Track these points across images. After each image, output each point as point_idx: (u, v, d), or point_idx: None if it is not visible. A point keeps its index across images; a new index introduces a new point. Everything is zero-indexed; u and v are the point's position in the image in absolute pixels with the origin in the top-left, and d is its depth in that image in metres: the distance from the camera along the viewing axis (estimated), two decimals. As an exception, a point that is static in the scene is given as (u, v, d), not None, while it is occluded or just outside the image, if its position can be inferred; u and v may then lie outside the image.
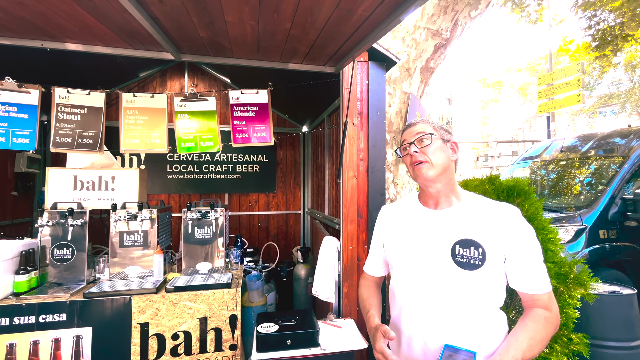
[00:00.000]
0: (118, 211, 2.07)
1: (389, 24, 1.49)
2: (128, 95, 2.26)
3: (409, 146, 1.03)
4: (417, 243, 1.02)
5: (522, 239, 0.94)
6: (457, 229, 0.98)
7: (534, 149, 4.32)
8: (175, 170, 3.70)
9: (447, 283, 0.95)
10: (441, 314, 0.95)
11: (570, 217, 2.90)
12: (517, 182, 1.61)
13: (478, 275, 0.93)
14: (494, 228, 0.95)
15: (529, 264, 0.93)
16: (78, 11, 1.53)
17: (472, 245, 0.94)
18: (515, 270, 0.94)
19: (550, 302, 0.93)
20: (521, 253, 0.93)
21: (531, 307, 0.94)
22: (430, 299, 0.97)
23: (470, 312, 0.93)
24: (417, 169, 1.01)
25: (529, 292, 0.94)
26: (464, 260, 0.94)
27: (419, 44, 3.38)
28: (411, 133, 1.04)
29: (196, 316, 1.87)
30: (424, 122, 1.05)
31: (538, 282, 0.93)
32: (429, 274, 0.98)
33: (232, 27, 1.66)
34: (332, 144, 2.89)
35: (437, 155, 0.99)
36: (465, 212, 1.00)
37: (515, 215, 0.96)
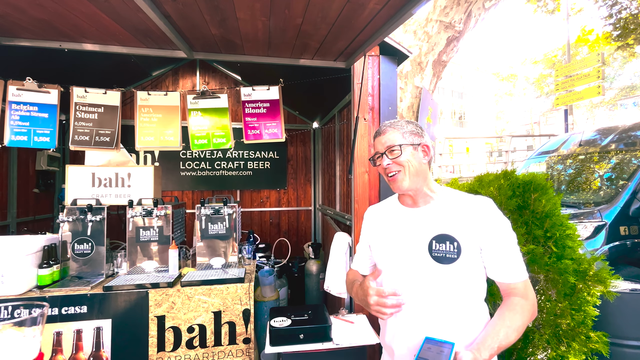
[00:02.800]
0: (134, 207, 2.12)
1: (401, 18, 1.47)
2: (142, 93, 2.31)
3: (380, 157, 1.07)
4: (397, 241, 1.06)
5: (496, 230, 0.96)
6: (434, 225, 1.01)
7: (551, 143, 4.20)
8: (188, 167, 3.77)
9: (426, 278, 0.99)
10: (422, 308, 0.99)
11: (589, 213, 2.81)
12: (534, 177, 1.57)
13: (454, 268, 0.96)
14: (469, 221, 0.98)
15: (504, 253, 0.96)
16: (94, 11, 1.56)
17: (448, 240, 0.97)
18: (491, 260, 0.97)
19: (526, 289, 0.96)
20: (495, 244, 0.96)
21: (508, 295, 0.97)
22: (410, 294, 1.01)
23: (450, 304, 0.97)
24: (392, 180, 1.05)
25: (505, 282, 0.97)
26: (440, 255, 0.97)
27: (431, 37, 3.32)
28: (381, 142, 1.07)
29: (210, 310, 1.91)
30: (393, 129, 1.07)
31: (513, 271, 0.96)
32: (409, 270, 1.02)
33: (244, 24, 1.66)
34: (343, 139, 2.88)
35: (408, 164, 1.03)
36: (441, 208, 1.03)
37: (488, 207, 0.99)
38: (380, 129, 1.10)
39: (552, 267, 1.44)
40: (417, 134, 1.07)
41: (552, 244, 1.48)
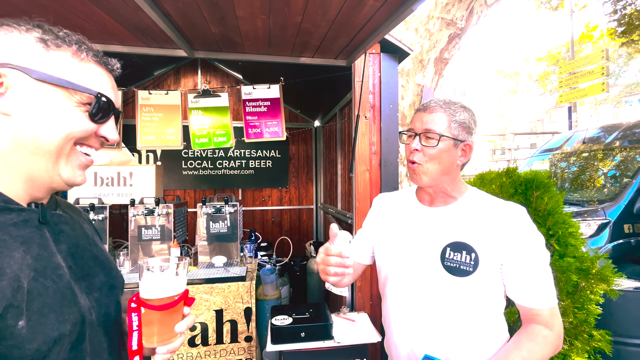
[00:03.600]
0: (136, 206, 2.13)
1: (401, 14, 1.46)
2: (143, 92, 2.31)
3: (413, 137, 0.90)
4: (406, 242, 0.94)
5: (524, 243, 0.82)
6: (450, 230, 0.88)
7: (554, 141, 4.17)
8: (190, 167, 3.78)
9: (435, 289, 0.87)
10: (428, 321, 0.87)
11: (592, 210, 2.79)
12: (536, 175, 1.55)
13: (469, 282, 0.83)
14: (492, 230, 0.84)
15: (530, 273, 0.81)
16: (94, 11, 1.56)
17: (464, 249, 0.84)
18: (513, 279, 0.83)
19: (552, 318, 0.81)
20: (520, 259, 0.81)
21: (529, 322, 0.83)
22: (417, 306, 0.89)
23: (460, 321, 0.85)
24: (411, 169, 0.91)
25: (527, 306, 0.82)
26: (454, 266, 0.85)
27: (432, 35, 3.30)
28: (421, 120, 0.90)
29: (212, 308, 1.91)
30: (442, 111, 0.88)
31: (539, 295, 0.81)
32: (416, 277, 0.90)
33: (243, 22, 1.66)
34: (344, 138, 2.87)
35: (438, 159, 0.87)
36: (462, 211, 0.90)
37: (518, 215, 0.84)
38: (429, 103, 0.91)
39: (554, 265, 1.43)
40: (466, 129, 0.89)
41: (555, 242, 1.47)
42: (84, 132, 0.55)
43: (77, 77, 0.54)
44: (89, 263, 0.61)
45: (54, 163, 0.53)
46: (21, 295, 0.46)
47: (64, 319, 0.50)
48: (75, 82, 0.53)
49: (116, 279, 0.67)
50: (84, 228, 0.67)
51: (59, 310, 0.50)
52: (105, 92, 0.57)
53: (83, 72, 0.55)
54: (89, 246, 0.64)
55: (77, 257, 0.58)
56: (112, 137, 0.60)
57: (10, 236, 0.48)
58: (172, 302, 0.62)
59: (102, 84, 0.57)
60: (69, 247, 0.58)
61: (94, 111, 0.55)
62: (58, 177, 0.54)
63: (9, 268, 0.46)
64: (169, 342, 0.64)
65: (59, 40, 0.54)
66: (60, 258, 0.54)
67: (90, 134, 0.56)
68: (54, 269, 0.52)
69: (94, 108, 0.55)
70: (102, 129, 0.58)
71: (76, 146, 0.56)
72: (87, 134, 0.56)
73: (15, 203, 0.52)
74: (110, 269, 0.66)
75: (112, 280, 0.65)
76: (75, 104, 0.54)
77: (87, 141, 0.57)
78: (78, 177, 0.57)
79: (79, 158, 0.57)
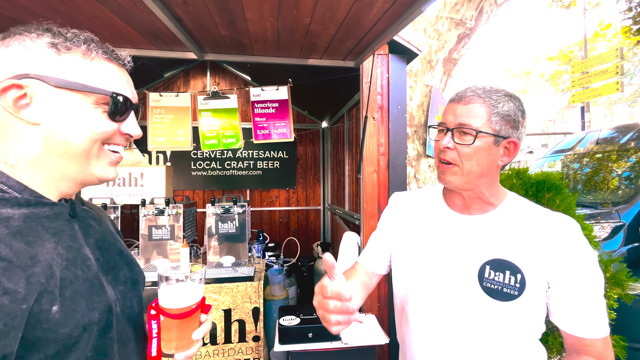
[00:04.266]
0: (147, 206, 2.17)
1: (410, 15, 1.46)
2: (154, 94, 2.35)
3: (444, 133, 0.76)
4: (434, 257, 0.81)
5: (576, 263, 0.69)
6: (489, 244, 0.75)
7: (566, 142, 4.09)
8: (199, 167, 3.82)
9: (470, 313, 0.75)
10: (460, 348, 0.76)
11: (606, 213, 2.73)
12: (548, 176, 1.53)
13: (513, 308, 0.71)
14: (539, 245, 0.71)
15: (583, 297, 0.69)
16: (107, 15, 1.60)
17: (508, 269, 0.72)
18: (562, 304, 0.71)
19: (605, 350, 0.70)
20: (572, 282, 0.69)
21: (578, 353, 0.71)
22: (446, 331, 0.77)
23: (498, 348, 0.74)
24: (441, 169, 0.77)
25: (577, 335, 0.70)
26: (495, 288, 0.72)
27: (441, 35, 3.28)
28: (454, 112, 0.75)
29: (221, 308, 1.93)
30: (480, 101, 0.73)
31: (593, 323, 0.69)
32: (447, 299, 0.77)
33: (253, 25, 1.68)
34: (352, 139, 2.87)
35: (475, 159, 0.73)
36: (502, 221, 0.76)
37: (569, 230, 0.72)
38: (465, 92, 0.76)
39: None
40: (511, 123, 0.74)
41: (567, 245, 1.45)
42: (106, 133, 0.56)
43: (90, 79, 0.54)
44: (115, 257, 0.63)
45: (85, 165, 0.55)
46: (54, 282, 0.49)
47: (93, 307, 0.53)
48: (89, 84, 0.54)
49: (139, 274, 0.69)
50: (108, 225, 0.69)
51: (89, 299, 0.52)
52: (120, 90, 0.57)
53: (95, 72, 0.55)
54: (114, 241, 0.66)
55: (103, 251, 0.61)
56: (135, 132, 0.61)
57: (43, 227, 0.51)
58: (190, 311, 0.64)
59: (115, 82, 0.57)
60: (97, 240, 0.60)
61: (112, 110, 0.56)
62: (91, 175, 0.57)
63: (42, 256, 0.49)
64: (187, 349, 0.66)
65: (68, 42, 0.54)
66: (89, 250, 0.57)
67: (113, 134, 0.57)
68: (83, 260, 0.55)
69: (111, 108, 0.56)
70: (124, 127, 0.59)
71: (104, 145, 0.57)
72: (110, 134, 0.57)
73: (46, 198, 0.54)
74: (132, 264, 0.68)
75: (135, 275, 0.67)
76: (93, 106, 0.54)
77: (112, 140, 0.58)
78: (110, 174, 0.59)
79: (109, 156, 0.58)
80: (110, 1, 1.46)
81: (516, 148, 0.76)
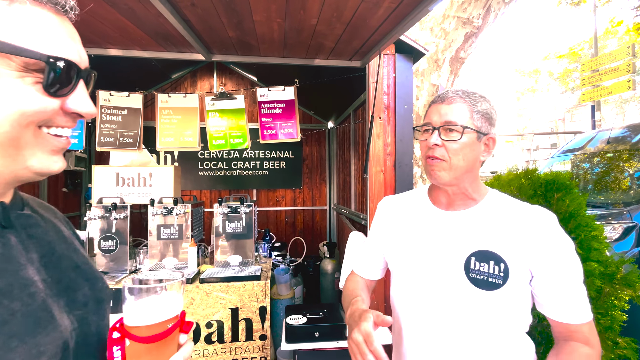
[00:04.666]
0: (155, 206, 2.20)
1: (417, 15, 1.45)
2: (163, 96, 2.39)
3: (431, 132, 0.81)
4: (423, 251, 0.84)
5: (555, 253, 0.74)
6: (474, 237, 0.79)
7: (576, 141, 4.03)
8: (206, 167, 3.86)
9: (458, 304, 0.78)
10: (449, 339, 0.79)
11: (618, 213, 2.68)
12: (557, 176, 1.51)
13: (497, 296, 0.75)
14: (520, 237, 0.76)
15: (565, 285, 0.74)
16: (119, 18, 1.63)
17: (492, 259, 0.76)
18: (545, 292, 0.75)
19: (590, 334, 0.74)
20: (553, 271, 0.74)
21: (566, 339, 0.76)
22: (436, 322, 0.81)
23: (486, 339, 0.77)
24: (430, 165, 0.81)
25: (563, 322, 0.74)
26: (480, 278, 0.76)
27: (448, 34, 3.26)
28: (439, 112, 0.80)
29: (228, 306, 1.95)
30: (462, 101, 0.79)
31: (576, 309, 0.74)
32: (435, 291, 0.81)
33: (260, 26, 1.69)
34: (358, 139, 2.87)
35: (462, 154, 0.78)
36: (485, 215, 0.81)
37: (548, 221, 0.77)
38: (446, 94, 0.82)
39: (576, 270, 1.39)
40: (489, 120, 0.80)
41: (577, 246, 1.43)
42: (41, 113, 0.40)
43: (11, 33, 0.37)
44: (69, 274, 0.49)
45: (14, 157, 0.40)
46: None
47: (40, 351, 0.39)
48: (8, 42, 0.36)
49: (104, 291, 0.54)
50: (61, 230, 0.53)
51: (32, 341, 0.38)
52: (60, 49, 0.40)
53: (18, 23, 0.37)
54: (69, 253, 0.51)
55: (53, 268, 0.46)
56: (86, 109, 0.44)
57: None
58: (165, 331, 0.49)
59: (52, 38, 0.40)
60: (42, 255, 0.46)
61: (49, 81, 0.39)
62: (25, 169, 0.41)
63: None
64: None
65: None
66: (33, 270, 0.43)
67: (53, 113, 0.41)
68: (23, 287, 0.40)
69: (48, 77, 0.39)
70: (70, 102, 0.43)
71: (42, 129, 0.41)
72: (48, 114, 0.40)
73: None
74: (95, 279, 0.53)
75: (99, 293, 0.52)
76: (18, 74, 0.38)
77: (53, 122, 0.42)
78: (54, 165, 0.43)
79: (51, 142, 0.42)
80: (121, 4, 1.49)
81: (494, 144, 0.83)
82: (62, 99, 0.42)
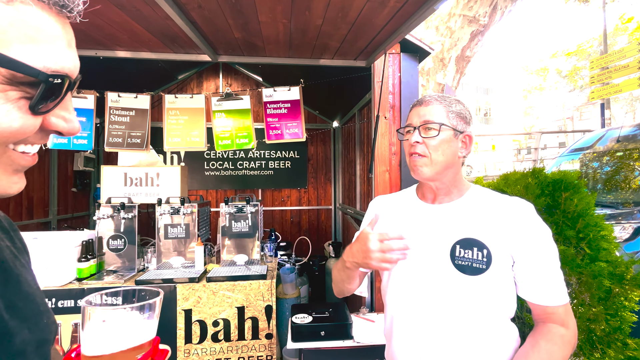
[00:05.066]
0: (162, 205, 2.23)
1: (423, 14, 1.45)
2: (170, 96, 2.41)
3: (412, 131, 0.88)
4: (411, 242, 0.88)
5: (534, 239, 0.80)
6: (458, 226, 0.85)
7: (585, 140, 3.97)
8: (212, 167, 3.89)
9: (445, 289, 0.83)
10: (438, 325, 0.83)
11: (628, 213, 2.64)
12: (565, 175, 1.50)
13: (482, 281, 0.80)
14: (502, 226, 0.82)
15: (542, 269, 0.79)
16: (127, 21, 1.65)
17: (476, 246, 0.81)
18: (525, 276, 0.80)
19: (566, 316, 0.79)
20: (532, 256, 0.80)
21: (543, 321, 0.81)
22: (424, 308, 0.85)
23: (473, 324, 0.81)
24: (413, 161, 0.88)
25: (541, 304, 0.80)
26: (465, 264, 0.81)
27: (454, 33, 3.24)
28: (418, 114, 0.89)
29: (234, 305, 1.97)
30: (438, 103, 0.88)
31: (552, 292, 0.79)
32: (423, 278, 0.86)
33: (265, 27, 1.70)
34: (364, 138, 2.87)
35: (441, 150, 0.85)
36: (468, 207, 0.87)
37: (526, 210, 0.83)
38: (423, 98, 0.91)
39: (585, 270, 1.37)
40: (464, 119, 0.89)
41: (585, 246, 1.41)
42: (19, 134, 0.33)
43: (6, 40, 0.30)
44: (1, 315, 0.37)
45: None
46: None
47: None
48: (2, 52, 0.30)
49: (46, 328, 0.42)
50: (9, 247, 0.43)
51: None
52: (60, 64, 0.34)
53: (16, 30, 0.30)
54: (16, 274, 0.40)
55: None
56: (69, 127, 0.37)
57: None
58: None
59: (54, 49, 0.33)
60: None
61: (39, 98, 0.32)
62: None
63: None
64: None
65: None
66: None
67: (31, 132, 0.34)
68: None
69: (39, 95, 0.32)
70: (53, 120, 0.35)
71: (8, 146, 0.34)
72: (26, 134, 0.34)
73: None
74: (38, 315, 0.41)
75: (41, 334, 0.41)
76: (2, 87, 0.31)
77: (27, 140, 0.35)
78: (14, 186, 0.36)
79: (15, 161, 0.35)
80: (130, 7, 1.51)
81: (471, 141, 0.90)
82: (45, 115, 0.35)
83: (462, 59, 3.39)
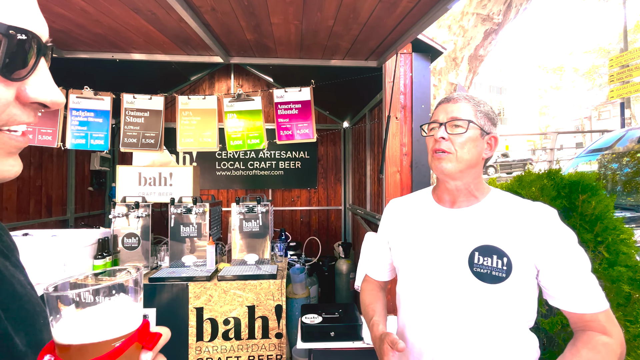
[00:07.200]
0: (175, 205, 2.27)
1: (435, 14, 1.44)
2: (183, 98, 2.46)
3: (437, 127, 0.86)
4: (427, 247, 0.87)
5: (561, 246, 0.76)
6: (477, 232, 0.82)
7: (604, 140, 3.85)
8: (223, 167, 3.94)
9: (462, 297, 0.80)
10: (454, 333, 0.81)
11: (649, 216, 2.54)
12: (582, 177, 1.45)
13: (501, 290, 0.77)
14: (524, 232, 0.78)
15: (573, 275, 0.74)
16: (143, 24, 1.69)
17: (495, 254, 0.78)
18: (555, 285, 0.76)
19: (608, 323, 0.73)
20: (561, 263, 0.75)
21: (583, 330, 0.75)
22: (441, 316, 0.82)
23: (490, 333, 0.78)
24: (437, 157, 0.84)
25: (576, 312, 0.74)
26: (484, 272, 0.78)
27: (467, 31, 3.19)
28: (445, 110, 0.86)
29: (245, 304, 1.99)
30: (466, 102, 0.86)
31: (588, 298, 0.73)
32: (440, 285, 0.83)
33: (277, 28, 1.72)
34: (374, 139, 2.86)
35: (467, 148, 0.82)
36: (487, 212, 0.84)
37: (550, 217, 0.79)
38: (451, 96, 0.89)
39: (603, 274, 1.33)
40: (491, 120, 0.86)
41: (604, 250, 1.37)
42: None
43: None
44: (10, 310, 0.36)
45: None
46: None
47: None
48: None
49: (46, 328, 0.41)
50: None
51: None
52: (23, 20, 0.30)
53: None
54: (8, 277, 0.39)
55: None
56: (52, 97, 0.34)
57: None
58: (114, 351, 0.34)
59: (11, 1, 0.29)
60: None
61: (4, 56, 0.29)
62: None
63: None
64: None
65: None
66: None
67: (6, 104, 0.31)
68: None
69: (4, 53, 0.29)
70: (30, 89, 0.32)
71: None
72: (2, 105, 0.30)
73: None
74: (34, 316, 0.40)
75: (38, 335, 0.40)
76: None
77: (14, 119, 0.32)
78: (12, 169, 0.34)
79: (7, 143, 0.33)
80: (145, 10, 1.54)
81: (496, 143, 0.88)
82: (19, 83, 0.31)
83: (475, 58, 3.34)
